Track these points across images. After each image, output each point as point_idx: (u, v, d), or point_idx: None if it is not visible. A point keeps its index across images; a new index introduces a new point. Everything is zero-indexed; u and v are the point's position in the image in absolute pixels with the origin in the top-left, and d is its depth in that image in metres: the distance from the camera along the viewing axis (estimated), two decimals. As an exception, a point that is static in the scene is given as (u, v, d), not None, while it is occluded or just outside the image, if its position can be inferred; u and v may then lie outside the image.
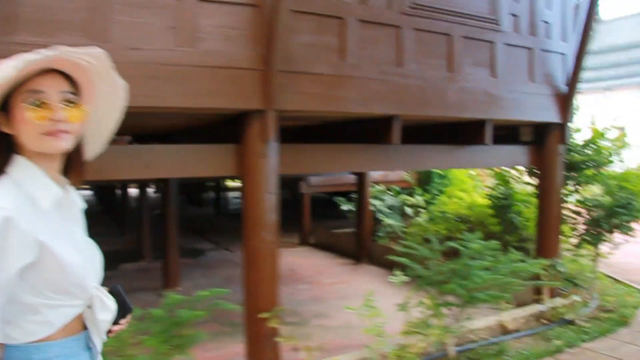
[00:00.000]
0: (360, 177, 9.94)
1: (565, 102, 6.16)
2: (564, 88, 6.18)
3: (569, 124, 6.33)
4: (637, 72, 47.26)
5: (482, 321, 5.25)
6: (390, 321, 4.19)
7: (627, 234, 6.55)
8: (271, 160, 4.22)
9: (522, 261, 4.69)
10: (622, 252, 7.66)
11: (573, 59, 6.14)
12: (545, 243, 6.35)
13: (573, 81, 6.13)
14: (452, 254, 4.79)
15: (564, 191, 6.90)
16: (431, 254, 4.59)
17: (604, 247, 6.86)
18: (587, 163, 6.63)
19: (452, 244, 4.66)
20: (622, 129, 7.22)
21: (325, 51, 4.41)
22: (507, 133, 6.75)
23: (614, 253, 7.43)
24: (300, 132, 6.30)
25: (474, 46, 5.36)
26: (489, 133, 5.50)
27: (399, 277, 4.59)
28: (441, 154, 5.63)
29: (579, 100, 6.83)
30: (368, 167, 5.15)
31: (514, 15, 5.71)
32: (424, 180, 11.09)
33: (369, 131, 5.00)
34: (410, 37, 4.86)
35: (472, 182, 10.47)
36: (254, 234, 4.26)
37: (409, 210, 9.83)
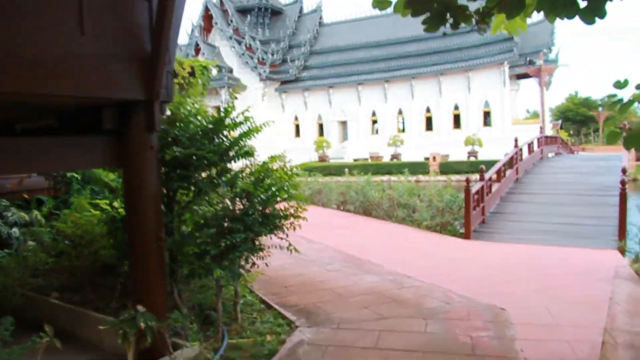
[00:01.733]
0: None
1: (152, 69, 3.99)
2: (149, 49, 4.02)
3: (161, 103, 4.22)
4: (355, 71, 50.78)
5: None
6: None
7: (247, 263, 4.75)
8: None
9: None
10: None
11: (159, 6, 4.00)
12: (141, 276, 4.16)
13: (160, 38, 3.98)
14: None
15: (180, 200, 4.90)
16: None
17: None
18: (197, 158, 4.53)
19: None
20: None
21: None
22: (89, 120, 4.40)
23: (264, 273, 5.68)
24: None
25: None
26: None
27: None
28: None
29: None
30: None
31: None
32: (65, 187, 8.36)
33: None
34: None
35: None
36: None
37: (15, 232, 7.02)
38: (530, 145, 17.00)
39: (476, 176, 11.33)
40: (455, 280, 6.49)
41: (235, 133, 4.96)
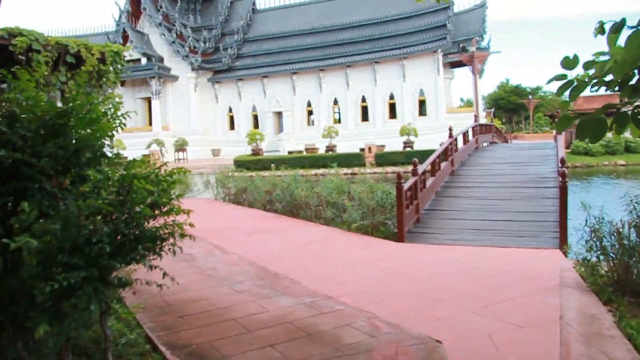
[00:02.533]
0: None
1: None
2: None
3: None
4: (289, 60, 49.60)
5: None
6: None
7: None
8: None
9: None
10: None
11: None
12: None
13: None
14: None
15: None
16: None
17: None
18: (27, 165, 3.32)
19: None
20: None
21: None
22: None
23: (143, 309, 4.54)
24: None
25: None
26: None
27: None
28: None
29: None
30: None
31: None
32: None
33: None
34: None
35: None
36: None
37: None
38: (465, 135, 16.38)
39: (411, 167, 10.54)
40: (384, 300, 5.54)
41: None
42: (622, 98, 3.11)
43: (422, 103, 44.45)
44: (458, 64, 46.65)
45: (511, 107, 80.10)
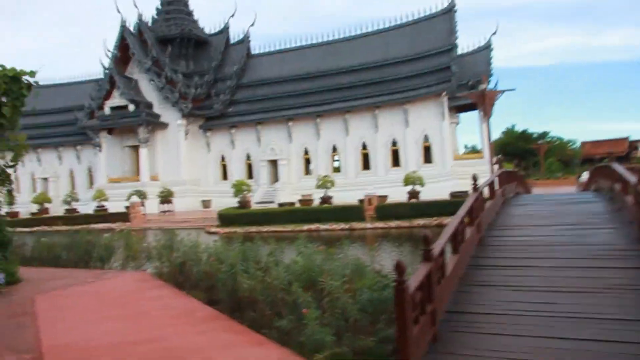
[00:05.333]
0: None
1: None
2: None
3: None
4: (285, 105, 46.29)
5: None
6: None
7: None
8: None
9: None
10: None
11: None
12: None
13: None
14: None
15: None
16: None
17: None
18: None
19: None
20: None
21: None
22: None
23: None
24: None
25: None
26: None
27: None
28: None
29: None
30: None
31: None
32: None
33: None
34: None
35: None
36: None
37: None
38: (491, 186, 12.27)
39: (418, 221, 6.51)
40: None
41: None
42: None
43: (427, 149, 40.75)
44: (464, 108, 43.15)
45: (518, 153, 76.63)
